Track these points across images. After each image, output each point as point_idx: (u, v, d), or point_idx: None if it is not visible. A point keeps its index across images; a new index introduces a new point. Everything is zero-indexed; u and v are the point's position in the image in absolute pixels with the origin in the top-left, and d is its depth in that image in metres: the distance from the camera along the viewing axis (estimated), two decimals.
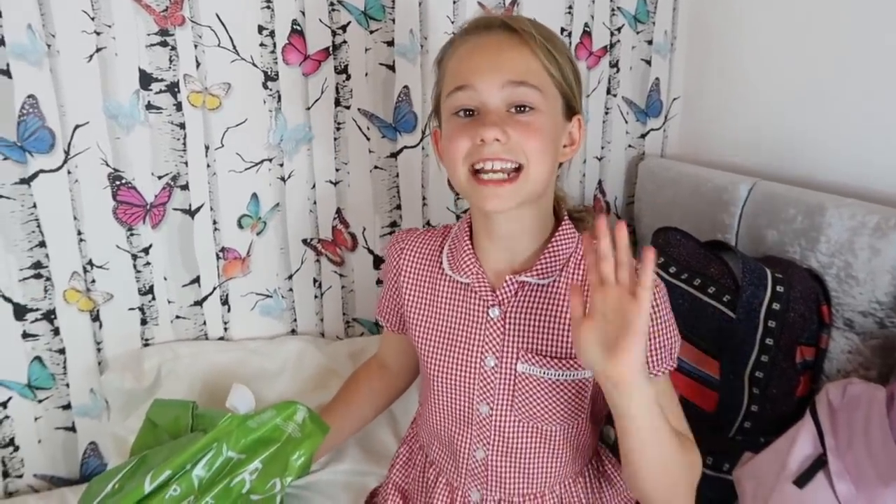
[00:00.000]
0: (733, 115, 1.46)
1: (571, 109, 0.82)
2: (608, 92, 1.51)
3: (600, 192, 1.57)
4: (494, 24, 0.79)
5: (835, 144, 1.25)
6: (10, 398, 1.14)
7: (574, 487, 0.91)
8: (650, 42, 1.51)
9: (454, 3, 1.30)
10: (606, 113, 1.52)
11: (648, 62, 1.53)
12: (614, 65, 1.49)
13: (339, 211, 1.32)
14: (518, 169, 0.76)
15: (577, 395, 0.84)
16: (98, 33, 1.07)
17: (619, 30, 1.47)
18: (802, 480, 0.81)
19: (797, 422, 0.92)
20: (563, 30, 1.40)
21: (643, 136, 1.58)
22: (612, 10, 1.45)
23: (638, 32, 1.50)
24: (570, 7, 1.40)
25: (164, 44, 1.11)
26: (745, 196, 1.28)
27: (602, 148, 1.54)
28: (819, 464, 0.81)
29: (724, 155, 1.48)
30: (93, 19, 1.06)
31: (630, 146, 1.58)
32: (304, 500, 1.07)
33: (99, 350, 1.19)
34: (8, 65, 1.03)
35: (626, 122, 1.55)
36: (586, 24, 1.43)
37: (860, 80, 1.20)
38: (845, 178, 1.22)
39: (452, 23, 1.30)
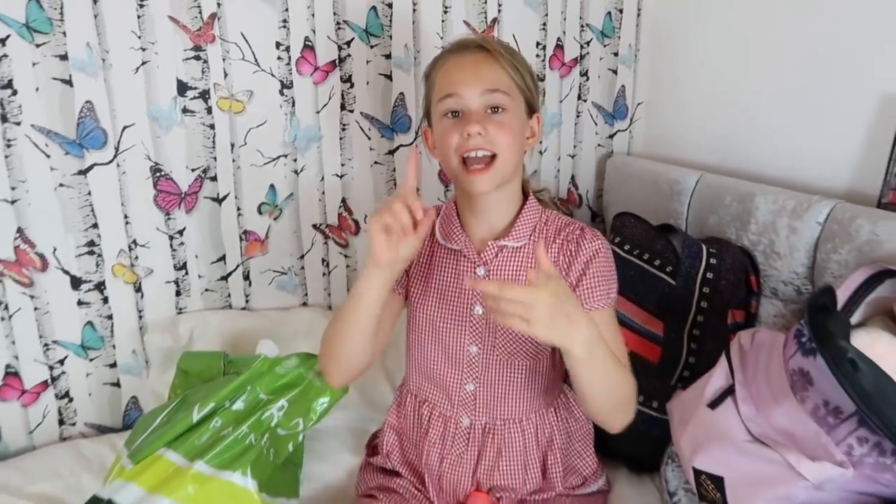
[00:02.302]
0: (687, 118, 1.67)
1: (532, 108, 1.04)
2: (579, 98, 1.72)
3: (573, 186, 1.78)
4: (472, 44, 1.02)
5: (766, 142, 1.47)
6: (66, 356, 1.35)
7: (546, 416, 1.12)
8: (616, 54, 1.73)
9: (443, 21, 1.51)
10: (578, 116, 1.73)
11: (615, 71, 1.74)
12: (584, 74, 1.71)
13: (343, 200, 1.52)
14: (493, 157, 0.98)
15: None
16: (143, 49, 1.28)
17: (588, 43, 1.69)
18: (714, 404, 1.01)
19: None
20: (538, 43, 1.62)
21: (611, 136, 1.79)
22: (582, 26, 1.66)
23: (605, 45, 1.71)
24: (545, 24, 1.61)
25: (197, 58, 1.32)
26: (692, 187, 1.49)
27: (574, 147, 1.75)
28: (728, 391, 1.01)
29: (679, 152, 1.69)
30: (139, 38, 1.27)
31: (600, 145, 1.79)
32: (317, 441, 1.28)
33: (140, 317, 1.40)
34: (70, 76, 1.23)
35: (596, 124, 1.76)
36: (559, 39, 1.64)
37: (786, 90, 1.42)
38: (773, 169, 1.44)
39: (441, 38, 1.51)
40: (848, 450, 0.88)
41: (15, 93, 1.20)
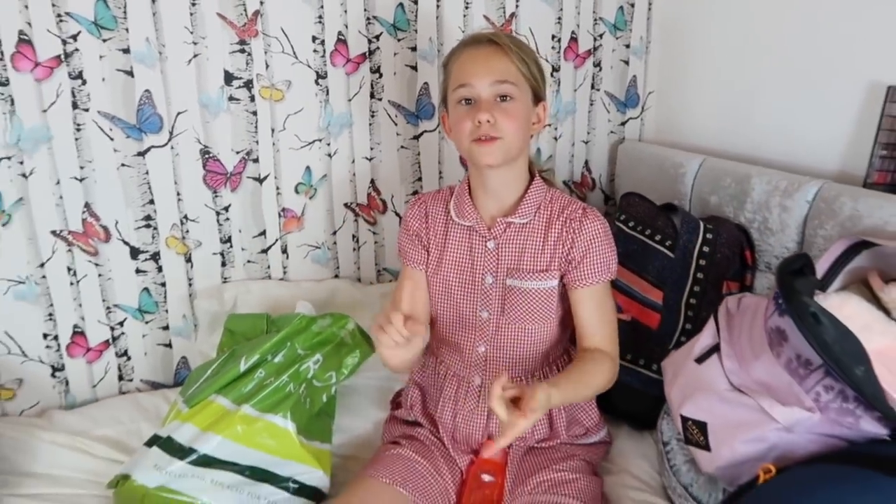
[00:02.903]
0: (693, 106, 1.78)
1: (538, 97, 1.17)
2: (592, 87, 1.83)
3: (587, 170, 1.90)
4: (483, 39, 1.15)
5: (763, 127, 1.57)
6: (125, 319, 1.51)
7: (551, 372, 1.25)
8: (628, 46, 1.84)
9: (464, 16, 1.63)
10: (591, 104, 1.85)
11: (627, 62, 1.85)
12: (597, 65, 1.82)
13: (372, 181, 1.66)
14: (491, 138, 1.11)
15: (546, 300, 1.18)
16: (195, 43, 1.43)
17: (601, 36, 1.80)
18: (701, 359, 1.13)
19: None
20: (553, 36, 1.73)
21: (623, 123, 1.90)
22: (595, 20, 1.78)
23: (617, 38, 1.82)
24: (560, 18, 1.73)
25: (242, 51, 1.47)
26: (696, 170, 1.60)
27: (588, 133, 1.87)
28: (715, 349, 1.13)
29: (686, 138, 1.80)
30: (191, 33, 1.42)
31: (612, 132, 1.90)
32: (348, 397, 1.42)
33: (190, 284, 1.55)
34: (131, 67, 1.39)
35: (608, 112, 1.87)
36: (573, 32, 1.76)
37: (782, 79, 1.52)
38: (770, 153, 1.55)
39: (463, 31, 1.64)
40: (816, 397, 0.99)
41: (84, 83, 1.36)
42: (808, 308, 0.94)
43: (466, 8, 1.63)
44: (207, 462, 1.14)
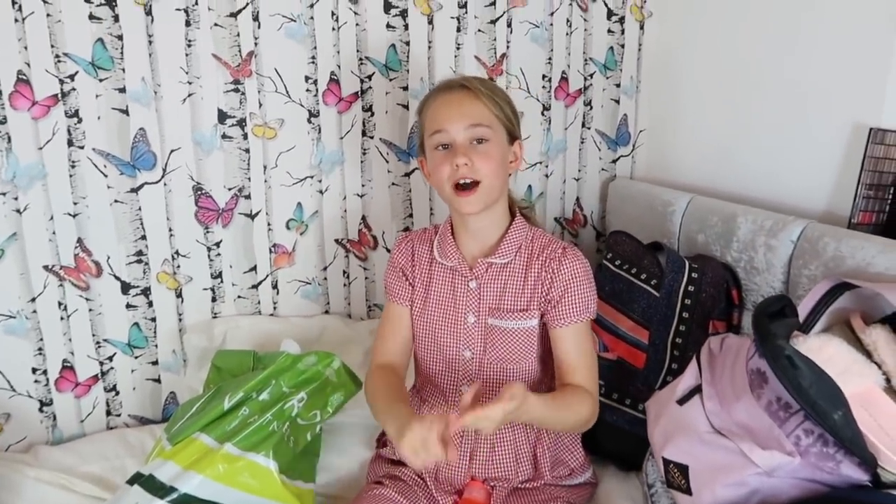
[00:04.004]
0: (682, 144, 1.80)
1: (513, 136, 1.19)
2: (583, 125, 1.85)
3: (578, 207, 1.92)
4: (455, 84, 1.18)
5: (750, 166, 1.59)
6: (115, 354, 1.52)
7: None
8: (618, 85, 1.86)
9: (455, 56, 1.67)
10: (582, 142, 1.87)
11: (617, 101, 1.87)
12: (588, 103, 1.84)
13: (363, 218, 1.68)
14: (477, 183, 1.13)
15: (526, 339, 1.18)
16: (190, 83, 1.46)
17: (591, 76, 1.83)
18: (683, 401, 1.13)
19: None
20: (544, 76, 1.76)
21: (614, 161, 1.92)
22: (585, 60, 1.81)
23: (607, 77, 1.85)
24: (550, 58, 1.76)
25: (236, 90, 1.50)
26: (684, 208, 1.61)
27: (579, 171, 1.89)
28: (696, 390, 1.13)
29: (675, 176, 1.82)
30: (186, 73, 1.45)
31: (603, 169, 1.92)
32: (334, 435, 1.41)
33: (180, 319, 1.56)
34: (127, 106, 1.42)
35: (599, 149, 1.89)
36: (563, 71, 1.78)
37: (769, 119, 1.54)
38: (757, 192, 1.56)
39: (454, 72, 1.66)
40: (796, 440, 0.99)
41: (80, 121, 1.38)
42: (783, 351, 0.95)
43: (458, 49, 1.66)
44: (188, 501, 1.14)
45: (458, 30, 1.65)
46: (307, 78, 1.55)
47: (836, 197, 1.41)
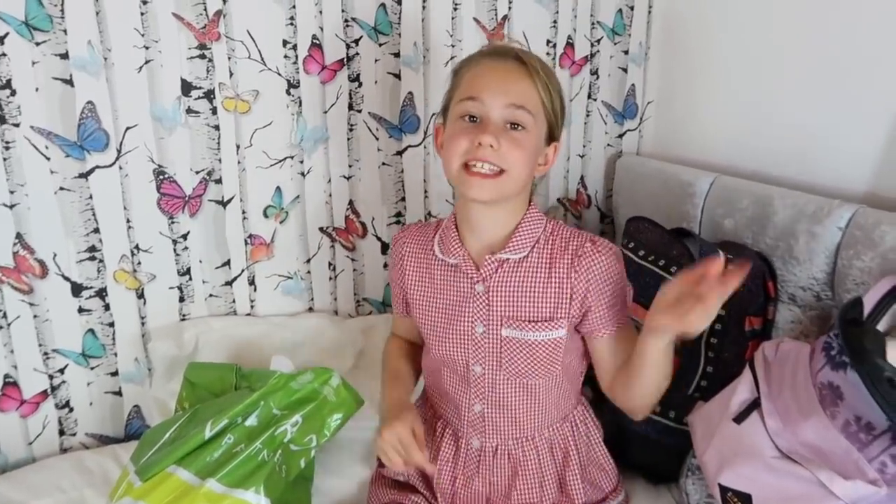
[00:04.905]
0: (699, 118, 1.64)
1: (552, 136, 1.01)
2: (589, 96, 1.69)
3: (582, 187, 1.76)
4: (510, 53, 0.98)
5: (782, 143, 1.44)
6: (66, 365, 1.31)
7: (561, 429, 1.09)
8: (626, 52, 1.69)
9: (453, 19, 1.47)
10: (587, 115, 1.70)
11: (625, 70, 1.71)
12: (594, 72, 1.67)
13: (351, 202, 1.49)
14: (501, 171, 0.94)
15: (551, 353, 1.02)
16: (147, 48, 1.24)
17: (598, 41, 1.65)
18: (740, 418, 0.99)
19: None
20: (548, 41, 1.58)
21: (620, 136, 1.76)
22: (592, 23, 1.63)
23: (615, 43, 1.68)
24: (555, 22, 1.58)
25: (202, 56, 1.28)
26: (706, 189, 1.46)
27: (584, 146, 1.72)
28: (754, 405, 0.99)
29: (691, 152, 1.67)
30: (142, 35, 1.23)
31: (609, 145, 1.76)
32: (328, 454, 1.24)
33: (143, 324, 1.36)
34: (71, 75, 1.19)
35: (605, 123, 1.73)
36: (569, 37, 1.61)
37: (804, 88, 1.39)
38: (791, 172, 1.41)
39: (451, 36, 1.47)
40: (881, 467, 0.86)
41: (14, 93, 1.15)
42: (883, 372, 0.81)
43: (455, 9, 1.46)
44: None
45: None
46: (285, 42, 1.33)
47: (883, 177, 1.27)
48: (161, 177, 1.30)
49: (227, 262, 1.40)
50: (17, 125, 1.17)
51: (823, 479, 0.87)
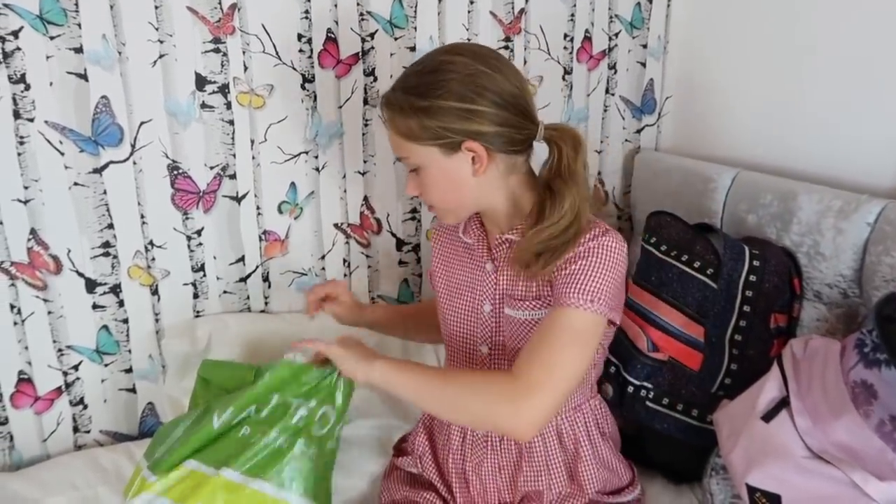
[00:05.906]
0: (719, 113, 1.61)
1: (453, 144, 0.96)
2: (607, 91, 1.66)
3: (600, 183, 1.73)
4: (382, 102, 1.01)
5: (806, 138, 1.41)
6: (80, 362, 1.30)
7: (571, 418, 1.07)
8: (645, 46, 1.67)
9: (469, 12, 1.45)
10: (605, 110, 1.67)
11: (643, 64, 1.68)
12: (612, 67, 1.65)
13: (366, 198, 1.47)
14: (432, 206, 1.03)
15: None
16: (161, 42, 1.22)
17: (616, 35, 1.63)
18: (769, 417, 0.96)
19: None
20: (566, 35, 1.56)
21: (639, 131, 1.73)
22: (611, 17, 1.61)
23: (634, 37, 1.65)
24: (573, 15, 1.55)
25: (216, 50, 1.27)
26: (728, 185, 1.43)
27: (601, 142, 1.70)
28: (783, 403, 0.97)
29: (711, 148, 1.63)
30: (157, 30, 1.22)
31: (627, 140, 1.73)
32: (339, 451, 1.22)
33: (157, 320, 1.35)
34: (85, 69, 1.18)
35: (623, 118, 1.70)
36: (587, 30, 1.58)
37: (828, 82, 1.36)
38: (815, 167, 1.38)
39: (467, 30, 1.45)
40: None
41: (28, 87, 1.14)
42: None
43: (472, 2, 1.44)
44: None
45: None
46: (300, 36, 1.32)
47: None
48: (175, 172, 1.29)
49: (242, 259, 1.39)
50: (31, 120, 1.16)
51: (857, 480, 0.85)
